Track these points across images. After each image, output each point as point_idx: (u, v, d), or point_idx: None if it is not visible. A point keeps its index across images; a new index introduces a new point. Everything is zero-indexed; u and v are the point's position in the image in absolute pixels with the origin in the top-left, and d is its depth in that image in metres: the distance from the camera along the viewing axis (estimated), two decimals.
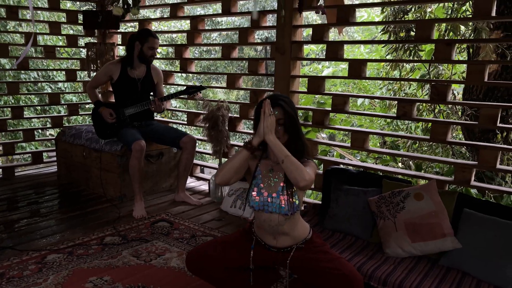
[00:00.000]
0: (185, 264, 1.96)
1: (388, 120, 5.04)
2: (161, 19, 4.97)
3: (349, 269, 1.75)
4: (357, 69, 3.09)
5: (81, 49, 8.22)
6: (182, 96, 3.67)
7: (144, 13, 9.26)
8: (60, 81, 8.32)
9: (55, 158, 4.42)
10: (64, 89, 8.57)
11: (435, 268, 2.32)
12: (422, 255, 2.44)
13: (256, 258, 1.90)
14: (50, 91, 8.02)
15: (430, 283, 2.15)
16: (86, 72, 5.07)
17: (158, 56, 4.12)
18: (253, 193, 1.84)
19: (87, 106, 7.89)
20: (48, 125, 6.56)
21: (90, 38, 5.08)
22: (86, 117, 8.39)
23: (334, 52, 3.17)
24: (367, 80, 6.17)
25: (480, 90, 3.65)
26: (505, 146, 2.82)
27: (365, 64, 3.12)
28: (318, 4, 1.81)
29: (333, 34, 4.67)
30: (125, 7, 2.41)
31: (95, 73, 4.87)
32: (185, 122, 4.41)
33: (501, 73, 3.53)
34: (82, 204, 3.55)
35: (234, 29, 4.06)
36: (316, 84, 3.30)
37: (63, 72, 7.94)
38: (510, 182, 3.60)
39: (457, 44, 2.77)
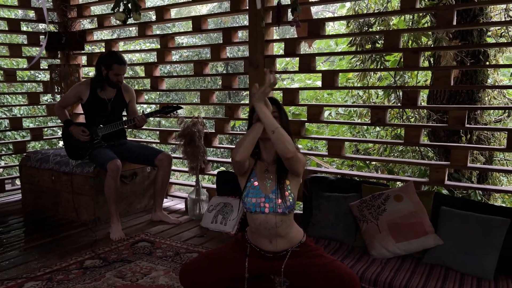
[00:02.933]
0: (179, 279, 1.92)
1: (358, 130, 5.22)
2: (129, 38, 4.92)
3: (345, 271, 1.77)
4: (330, 79, 3.19)
5: (38, 72, 8.04)
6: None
7: (113, 33, 9.16)
8: (23, 105, 7.96)
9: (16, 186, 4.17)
10: (21, 114, 8.22)
11: (420, 265, 2.40)
12: (407, 254, 2.51)
13: (251, 267, 1.89)
14: (4, 117, 7.67)
15: (418, 280, 2.21)
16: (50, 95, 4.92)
17: (132, 72, 4.07)
18: (248, 195, 1.84)
19: (47, 130, 7.59)
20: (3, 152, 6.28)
21: (53, 60, 4.94)
22: (53, 141, 8.08)
23: (307, 64, 3.27)
24: (333, 95, 6.37)
25: (443, 96, 3.88)
26: (474, 145, 3.00)
27: (338, 75, 3.23)
28: (293, 18, 1.88)
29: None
30: (127, 12, 2.37)
31: (59, 95, 4.73)
32: (158, 141, 4.34)
33: (461, 79, 3.78)
34: (53, 230, 3.38)
35: (206, 45, 4.09)
36: (291, 95, 3.38)
37: (20, 96, 7.73)
38: (476, 182, 3.81)
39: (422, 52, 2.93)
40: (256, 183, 1.85)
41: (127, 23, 2.66)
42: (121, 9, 2.54)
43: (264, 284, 2.07)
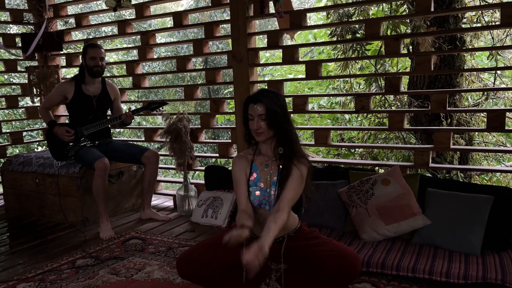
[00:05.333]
0: (177, 270, 1.91)
1: (341, 121, 5.31)
2: (109, 37, 4.86)
3: (343, 249, 1.78)
4: (313, 70, 3.24)
5: (13, 74, 7.82)
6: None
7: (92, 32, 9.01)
8: (0, 109, 7.78)
9: None
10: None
11: (409, 246, 2.47)
12: (396, 236, 2.57)
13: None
14: None
15: (409, 259, 2.28)
16: (29, 98, 4.81)
17: (110, 74, 4.03)
18: (254, 189, 1.85)
19: (26, 135, 7.43)
20: None
21: (30, 61, 4.83)
22: (31, 146, 7.91)
23: (290, 56, 3.30)
24: (313, 89, 6.44)
25: (423, 83, 3.98)
26: (456, 127, 3.08)
27: (321, 65, 3.28)
28: (275, 9, 1.90)
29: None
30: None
31: (38, 98, 4.64)
32: (143, 139, 4.31)
33: (440, 65, 3.89)
34: (40, 233, 3.32)
35: (188, 41, 4.07)
36: (275, 87, 3.41)
37: None
38: (458, 164, 3.93)
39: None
40: (259, 178, 1.87)
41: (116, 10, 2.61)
42: None
43: (261, 272, 2.07)
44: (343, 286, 1.87)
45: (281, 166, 1.85)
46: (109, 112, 3.67)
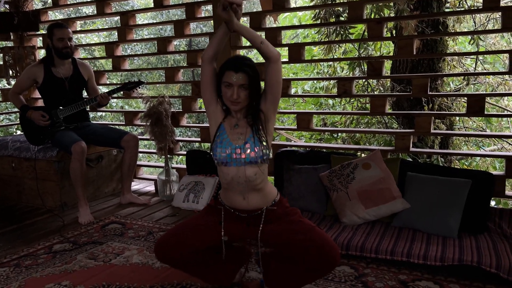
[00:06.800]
0: (155, 255, 1.88)
1: (324, 106, 5.30)
2: (87, 17, 4.71)
3: (324, 240, 1.72)
4: (296, 53, 3.19)
5: None
6: (117, 95, 3.52)
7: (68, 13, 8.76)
8: None
9: None
10: None
11: (389, 229, 2.49)
12: (376, 220, 2.59)
13: (226, 232, 1.84)
14: None
15: (388, 242, 2.30)
16: (4, 80, 4.66)
17: (86, 57, 3.91)
18: (218, 147, 1.77)
19: (3, 119, 7.22)
20: None
21: (5, 42, 4.66)
22: (10, 130, 7.70)
23: (273, 38, 3.25)
24: (298, 74, 6.41)
25: (405, 67, 3.98)
26: (437, 112, 3.09)
27: (304, 48, 3.24)
28: None
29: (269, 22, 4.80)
30: None
31: (14, 79, 4.49)
32: (123, 123, 4.23)
33: (422, 50, 3.89)
34: (17, 218, 3.25)
35: (169, 22, 3.97)
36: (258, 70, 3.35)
37: None
38: (438, 148, 3.97)
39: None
40: (226, 137, 1.78)
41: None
42: None
43: (241, 255, 2.06)
44: (320, 276, 1.85)
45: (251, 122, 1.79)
46: (85, 94, 3.58)
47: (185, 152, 3.74)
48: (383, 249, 2.24)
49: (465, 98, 3.55)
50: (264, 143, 1.76)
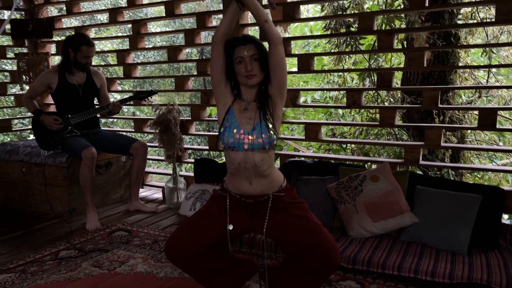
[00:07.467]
0: (166, 256, 1.85)
1: (334, 116, 5.28)
2: (100, 25, 4.78)
3: (327, 242, 1.72)
4: (306, 63, 3.19)
5: (5, 61, 7.70)
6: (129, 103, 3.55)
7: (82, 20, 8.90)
8: None
9: None
10: None
11: (397, 243, 2.44)
12: (384, 234, 2.55)
13: (232, 220, 1.81)
14: None
15: (395, 257, 2.26)
16: (18, 85, 4.73)
17: (99, 64, 3.96)
18: (227, 132, 1.75)
19: (17, 123, 7.34)
20: None
21: (20, 48, 4.74)
22: (23, 134, 7.83)
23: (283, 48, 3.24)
24: (308, 83, 6.40)
25: (416, 79, 3.95)
26: (448, 125, 3.06)
27: (313, 58, 3.23)
28: (268, 0, 1.84)
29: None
30: None
31: (28, 85, 4.56)
32: (133, 130, 4.25)
33: (434, 62, 3.85)
34: (25, 223, 3.27)
35: (180, 31, 4.00)
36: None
37: None
38: (449, 162, 3.91)
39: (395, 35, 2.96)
40: (235, 121, 1.77)
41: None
42: None
43: (246, 267, 2.04)
44: (323, 278, 1.84)
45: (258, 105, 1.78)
46: (96, 102, 3.61)
47: (193, 160, 3.75)
48: (390, 264, 2.20)
49: (477, 111, 3.50)
50: (272, 129, 1.75)
